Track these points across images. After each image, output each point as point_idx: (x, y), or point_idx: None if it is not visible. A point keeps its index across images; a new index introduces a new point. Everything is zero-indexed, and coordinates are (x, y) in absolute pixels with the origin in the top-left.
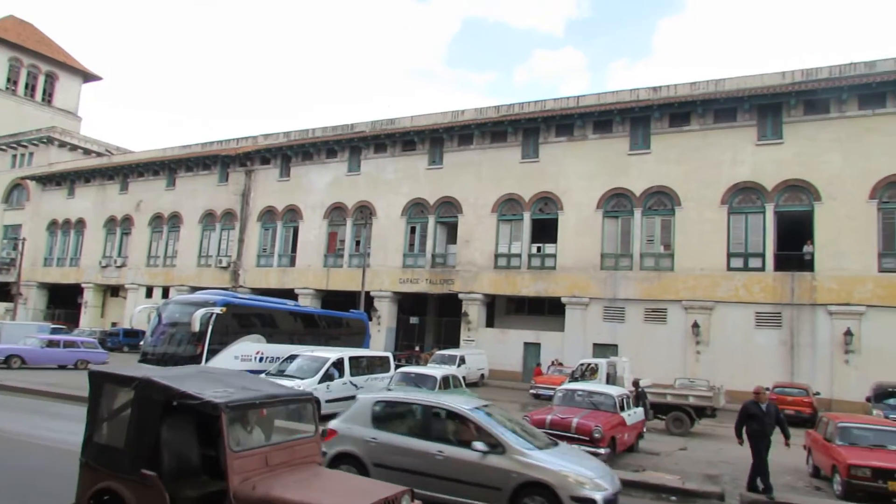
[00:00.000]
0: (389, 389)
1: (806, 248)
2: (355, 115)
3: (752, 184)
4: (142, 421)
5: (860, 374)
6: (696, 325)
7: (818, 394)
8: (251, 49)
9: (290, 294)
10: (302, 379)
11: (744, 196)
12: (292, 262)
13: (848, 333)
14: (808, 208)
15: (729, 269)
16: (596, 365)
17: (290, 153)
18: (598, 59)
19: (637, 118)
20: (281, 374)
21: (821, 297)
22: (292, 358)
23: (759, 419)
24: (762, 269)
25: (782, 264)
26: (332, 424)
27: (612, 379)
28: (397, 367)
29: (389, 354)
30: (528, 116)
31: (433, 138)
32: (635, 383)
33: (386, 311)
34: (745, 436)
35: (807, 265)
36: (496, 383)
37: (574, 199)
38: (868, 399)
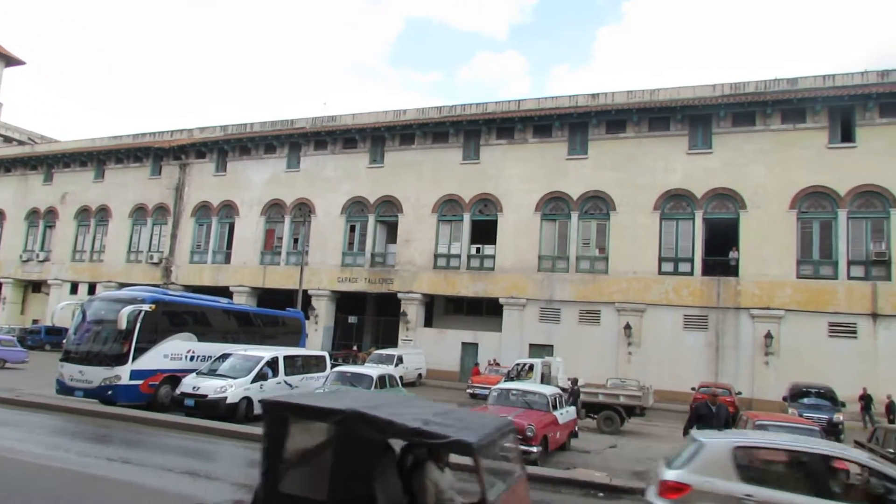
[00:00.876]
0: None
1: (731, 255)
2: (297, 111)
3: (682, 191)
4: (351, 465)
5: (778, 374)
6: (628, 327)
7: (740, 393)
8: (190, 41)
9: (224, 292)
10: (234, 378)
11: (675, 203)
12: (227, 259)
13: (768, 336)
14: (734, 216)
15: (660, 272)
16: (531, 365)
17: (226, 147)
18: (540, 63)
19: (575, 124)
20: (212, 373)
21: (744, 301)
22: (225, 357)
23: (709, 420)
24: (691, 273)
25: (710, 269)
26: (681, 477)
27: (546, 378)
28: (334, 366)
29: (326, 354)
30: (470, 118)
31: (375, 137)
32: (574, 381)
33: (324, 310)
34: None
35: (732, 270)
36: (434, 383)
37: (513, 201)
38: (785, 398)
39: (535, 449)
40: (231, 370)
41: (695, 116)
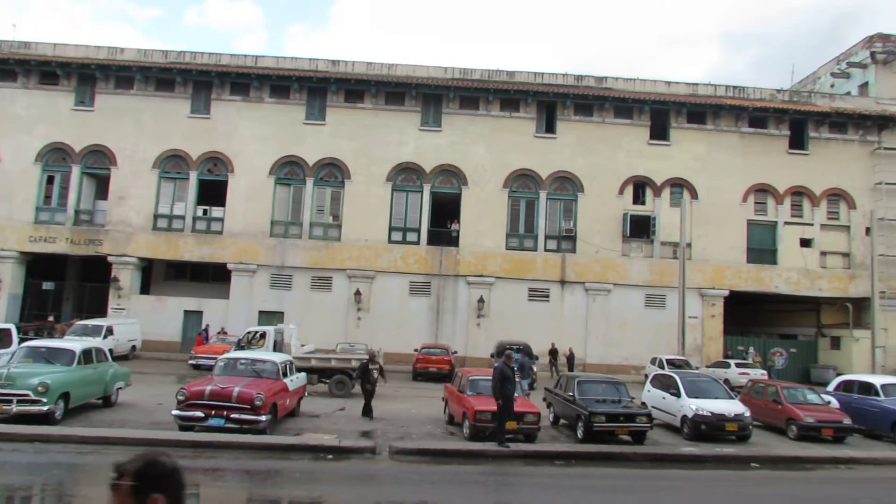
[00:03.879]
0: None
1: (453, 227)
2: None
3: (413, 165)
4: None
5: (488, 334)
6: (358, 293)
7: (456, 352)
8: None
9: None
10: None
11: (406, 175)
12: None
13: (481, 300)
14: (457, 191)
15: (390, 241)
16: (263, 332)
17: None
18: (277, 19)
19: (315, 88)
20: None
21: (462, 269)
22: None
23: (511, 380)
24: (418, 242)
25: (434, 239)
26: None
27: (279, 346)
28: (23, 340)
29: (12, 326)
30: (201, 69)
31: (83, 75)
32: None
33: (9, 275)
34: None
35: (453, 241)
36: (151, 355)
37: (246, 162)
38: (492, 355)
39: (263, 418)
40: None
41: (428, 95)
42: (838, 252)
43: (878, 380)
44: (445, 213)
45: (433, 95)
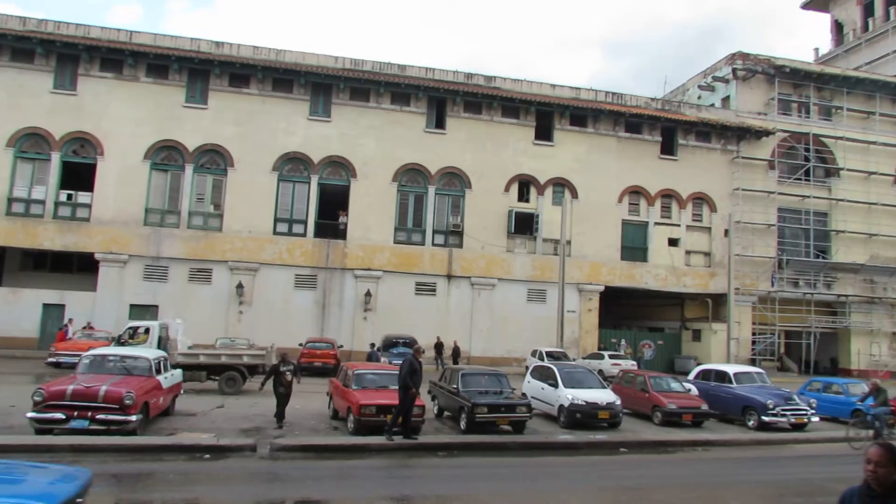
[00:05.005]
0: None
1: (341, 219)
2: None
3: (301, 155)
4: None
5: (375, 328)
6: (240, 286)
7: (342, 346)
8: None
9: None
10: None
11: (293, 165)
12: None
13: (368, 294)
14: (345, 183)
15: (275, 233)
16: (147, 328)
17: None
18: None
19: (196, 70)
20: None
21: (350, 262)
22: None
23: (419, 373)
24: (304, 235)
25: (321, 232)
26: None
27: (164, 342)
28: None
29: None
30: (67, 40)
31: None
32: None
33: None
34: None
35: (341, 234)
36: (3, 353)
37: (118, 144)
38: (379, 349)
39: (133, 418)
40: None
41: (317, 84)
42: (701, 251)
43: (731, 368)
44: (334, 206)
45: (323, 85)
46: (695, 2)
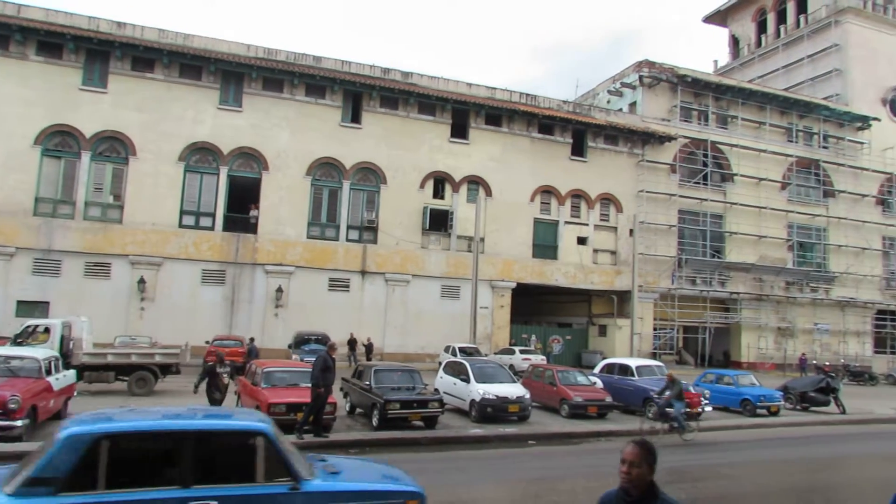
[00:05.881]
0: None
1: (252, 213)
2: None
3: (210, 145)
4: None
5: (286, 325)
6: (142, 281)
7: (253, 339)
8: None
9: None
10: None
11: (201, 156)
12: None
13: (279, 290)
14: (257, 176)
15: (181, 226)
16: (47, 326)
17: None
18: None
19: (95, 51)
20: None
21: (261, 257)
22: None
23: (333, 370)
24: (212, 228)
25: (231, 225)
26: None
27: (67, 341)
28: None
29: None
30: None
31: None
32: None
33: None
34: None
35: (251, 228)
36: None
37: (4, 127)
38: (290, 346)
39: (19, 423)
40: None
41: (228, 72)
42: (607, 250)
43: (633, 362)
44: (244, 199)
45: (234, 73)
46: (611, 9)
